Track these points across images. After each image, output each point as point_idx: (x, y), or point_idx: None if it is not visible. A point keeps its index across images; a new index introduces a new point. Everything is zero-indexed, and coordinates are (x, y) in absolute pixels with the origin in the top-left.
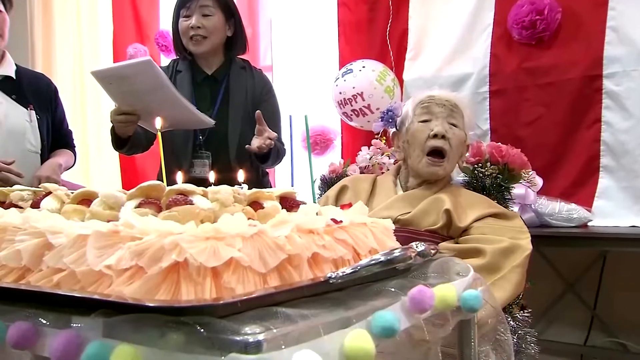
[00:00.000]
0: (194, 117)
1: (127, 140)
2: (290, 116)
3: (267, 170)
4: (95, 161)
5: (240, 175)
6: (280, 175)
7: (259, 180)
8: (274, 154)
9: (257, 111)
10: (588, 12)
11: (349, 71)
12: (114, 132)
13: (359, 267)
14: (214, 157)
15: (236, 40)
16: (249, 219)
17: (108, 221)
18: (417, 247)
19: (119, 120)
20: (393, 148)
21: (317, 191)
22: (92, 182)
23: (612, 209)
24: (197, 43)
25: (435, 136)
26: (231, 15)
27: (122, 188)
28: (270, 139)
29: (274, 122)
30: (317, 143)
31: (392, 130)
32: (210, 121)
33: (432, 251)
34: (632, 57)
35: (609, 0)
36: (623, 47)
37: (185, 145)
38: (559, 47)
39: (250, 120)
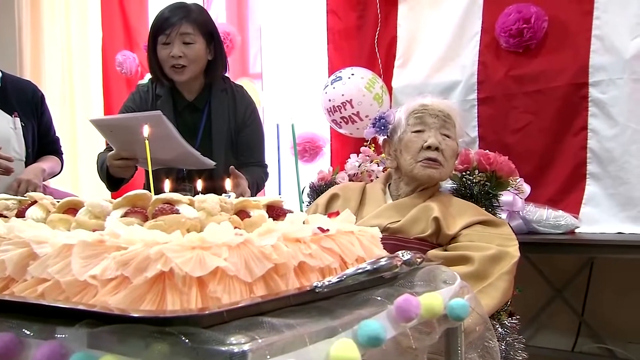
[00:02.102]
0: (196, 160)
1: (122, 180)
2: (277, 125)
3: None
4: (84, 169)
5: (227, 183)
6: (268, 183)
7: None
8: (253, 189)
9: (231, 167)
10: (574, 21)
11: (338, 78)
12: (107, 173)
13: (344, 276)
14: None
15: (217, 63)
16: (235, 228)
17: (94, 231)
18: (403, 255)
19: (117, 165)
20: (383, 155)
21: (306, 199)
22: (82, 189)
23: (599, 216)
24: (178, 72)
25: (429, 147)
26: (211, 38)
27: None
28: (242, 194)
29: (256, 146)
30: (307, 150)
31: (382, 137)
32: (210, 163)
33: (418, 260)
34: (617, 66)
35: (594, 9)
36: (608, 55)
37: (168, 177)
38: (546, 55)
39: (233, 146)
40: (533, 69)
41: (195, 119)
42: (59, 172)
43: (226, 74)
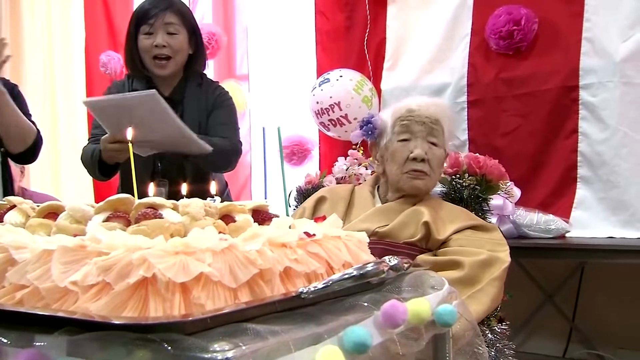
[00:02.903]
0: (191, 143)
1: (115, 167)
2: (263, 128)
3: (225, 181)
4: (66, 170)
5: (213, 187)
6: (255, 187)
7: (221, 193)
8: (217, 153)
9: None
10: (564, 23)
11: (326, 80)
12: (98, 160)
13: (330, 282)
14: (172, 184)
15: (197, 58)
16: (220, 232)
17: (75, 236)
18: (390, 261)
19: (112, 149)
20: (371, 159)
21: (293, 202)
22: (63, 192)
23: (590, 220)
24: (161, 66)
25: (414, 159)
26: (193, 32)
27: (95, 199)
28: None
29: (225, 124)
30: (295, 153)
31: (370, 140)
32: (207, 147)
33: (405, 265)
34: (607, 69)
35: (585, 12)
36: (598, 58)
37: (143, 172)
38: (536, 58)
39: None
40: (523, 72)
41: None
42: (35, 140)
43: (204, 71)
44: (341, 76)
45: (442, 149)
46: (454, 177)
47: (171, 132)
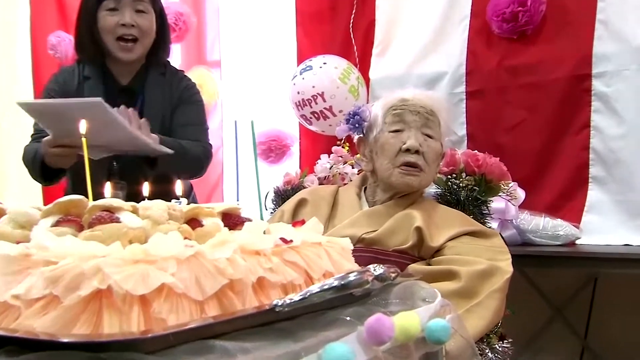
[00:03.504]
0: (148, 148)
1: (60, 172)
2: (235, 122)
3: (190, 182)
4: (10, 169)
5: (178, 187)
6: (228, 187)
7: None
8: (190, 160)
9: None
10: (575, 4)
11: (308, 68)
12: (40, 163)
13: (308, 294)
14: (131, 185)
15: (161, 44)
16: (185, 238)
17: (18, 243)
18: (375, 270)
19: (55, 154)
20: (358, 156)
21: (270, 205)
22: (7, 193)
23: (603, 225)
24: (127, 49)
25: (408, 150)
26: (160, 14)
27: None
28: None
29: (193, 123)
30: (272, 150)
31: (357, 135)
32: (167, 151)
33: (392, 274)
34: (623, 55)
35: None
36: (614, 43)
37: (97, 173)
38: (544, 43)
39: (166, 133)
40: (529, 59)
41: (130, 105)
42: None
43: (168, 59)
44: (325, 63)
45: (438, 142)
46: (449, 177)
47: (123, 138)
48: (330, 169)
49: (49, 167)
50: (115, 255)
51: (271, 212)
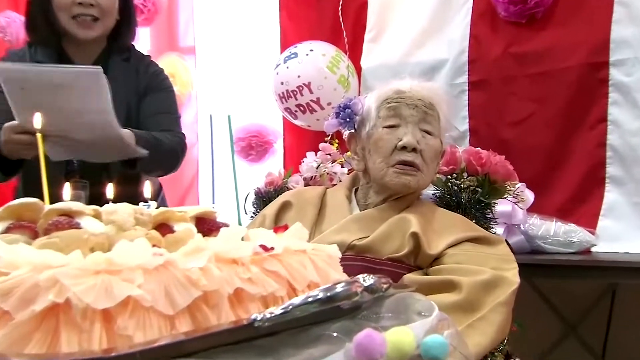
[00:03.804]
0: (125, 151)
1: (19, 164)
2: (210, 116)
3: (159, 182)
4: None
5: (147, 189)
6: (204, 188)
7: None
8: (166, 154)
9: None
10: None
11: (292, 56)
12: None
13: (291, 307)
14: (93, 186)
15: (125, 26)
16: (153, 246)
17: None
18: (364, 280)
19: (18, 141)
20: (349, 154)
21: (251, 209)
22: None
23: (622, 231)
24: (85, 24)
25: (404, 148)
26: None
27: None
28: None
29: (164, 112)
30: (253, 147)
31: (348, 131)
32: (142, 152)
33: (384, 285)
34: None
35: None
36: (634, 27)
37: (55, 169)
38: (555, 27)
39: (133, 125)
40: (538, 45)
41: None
42: None
43: (133, 43)
44: (311, 50)
45: (437, 138)
46: (450, 177)
47: (101, 132)
48: (317, 168)
49: (7, 158)
50: (74, 265)
51: (251, 217)
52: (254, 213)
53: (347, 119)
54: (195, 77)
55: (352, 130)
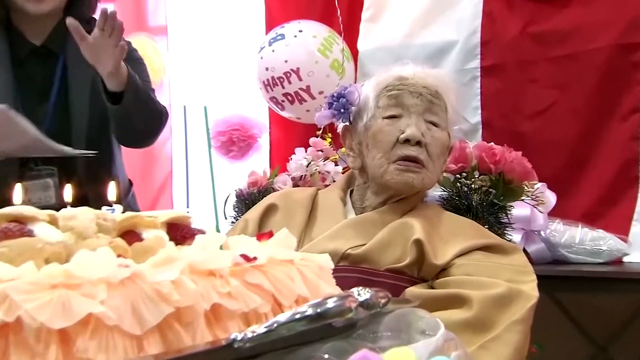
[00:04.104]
0: (55, 149)
1: None
2: (184, 107)
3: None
4: None
5: (111, 190)
6: (179, 189)
7: (125, 197)
8: (143, 99)
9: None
10: None
11: (279, 37)
12: None
13: (276, 325)
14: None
15: None
16: (118, 256)
17: None
18: (359, 294)
19: None
20: (344, 150)
21: (231, 213)
22: None
23: None
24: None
25: (407, 141)
26: None
27: None
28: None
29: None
30: (234, 142)
31: (342, 124)
32: (72, 152)
33: (382, 300)
34: None
35: None
36: None
37: (3, 167)
38: (580, 4)
39: (102, 110)
40: (561, 24)
41: (47, 71)
42: None
43: (93, 16)
44: (301, 31)
45: (445, 131)
46: (459, 176)
47: (29, 141)
48: (307, 166)
49: None
50: (26, 278)
51: (231, 222)
52: (234, 218)
53: (342, 110)
54: (167, 62)
55: (347, 123)
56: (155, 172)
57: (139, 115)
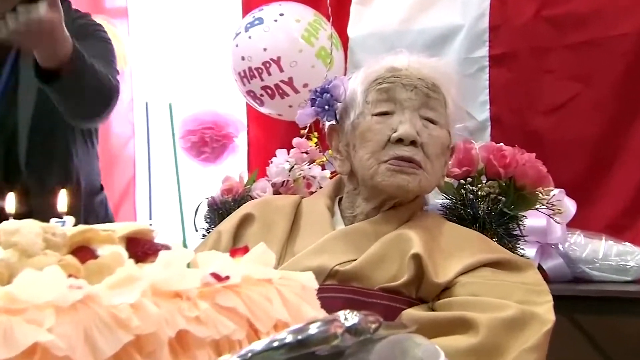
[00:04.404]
0: None
1: None
2: (146, 104)
3: (100, 182)
4: None
5: (61, 199)
6: (142, 198)
7: (89, 203)
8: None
9: None
10: None
11: (257, 22)
12: None
13: (250, 354)
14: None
15: None
16: (69, 276)
17: None
18: (346, 318)
19: None
20: (330, 152)
21: (203, 224)
22: None
23: None
24: None
25: (400, 141)
26: None
27: None
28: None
29: (101, 57)
30: (207, 143)
31: (328, 122)
32: None
33: (372, 325)
34: None
35: None
36: None
37: None
38: None
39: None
40: (582, 5)
41: None
42: None
43: None
44: (282, 14)
45: (444, 129)
46: (463, 181)
47: None
48: (290, 170)
49: None
50: None
51: (203, 235)
52: (206, 230)
53: (326, 107)
54: (128, 50)
55: (333, 122)
56: (115, 177)
57: (80, 94)
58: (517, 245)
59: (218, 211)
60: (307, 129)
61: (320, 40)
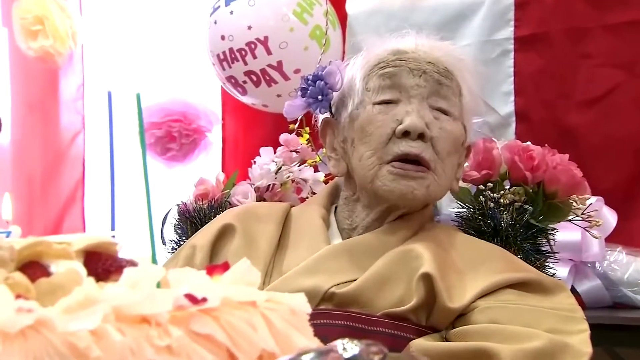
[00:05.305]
0: None
1: None
2: (109, 93)
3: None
4: None
5: (5, 205)
6: (92, 204)
7: None
8: None
9: None
10: None
11: None
12: None
13: None
14: None
15: None
16: (17, 297)
17: None
18: (345, 349)
19: None
20: (324, 151)
21: (172, 236)
22: None
23: None
24: None
25: (406, 134)
26: None
27: None
28: None
29: None
30: (174, 138)
31: (322, 115)
32: None
33: (376, 357)
34: None
35: None
36: None
37: None
38: None
39: None
40: None
41: None
42: None
43: None
44: None
45: (458, 122)
46: (483, 187)
47: None
48: (276, 173)
49: None
50: None
51: (172, 249)
52: (176, 243)
53: (319, 98)
54: (79, 28)
55: (328, 115)
56: (61, 178)
57: None
58: (547, 264)
59: (191, 220)
60: (298, 124)
61: (314, 17)
